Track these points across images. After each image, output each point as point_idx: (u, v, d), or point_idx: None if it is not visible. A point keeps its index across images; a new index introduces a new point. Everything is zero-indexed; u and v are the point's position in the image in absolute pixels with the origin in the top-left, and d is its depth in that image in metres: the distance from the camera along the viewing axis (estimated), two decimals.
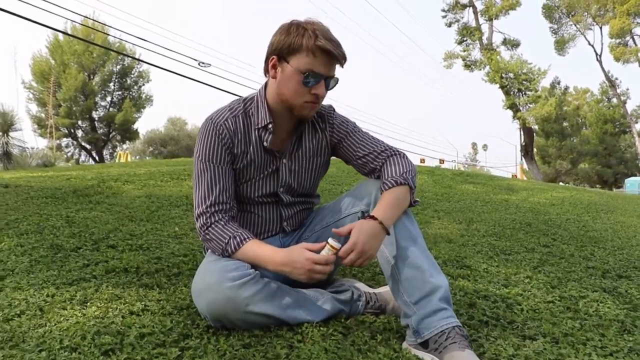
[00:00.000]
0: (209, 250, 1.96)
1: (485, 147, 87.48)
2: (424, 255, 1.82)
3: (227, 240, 1.85)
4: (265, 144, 1.96)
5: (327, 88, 1.91)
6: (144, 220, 3.59)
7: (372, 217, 1.77)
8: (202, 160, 1.93)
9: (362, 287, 2.16)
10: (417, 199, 1.96)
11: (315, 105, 1.91)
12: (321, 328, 1.85)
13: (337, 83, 1.94)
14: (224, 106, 2.01)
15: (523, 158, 34.94)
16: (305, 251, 1.76)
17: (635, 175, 35.37)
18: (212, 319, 1.78)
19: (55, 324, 1.80)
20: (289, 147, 2.03)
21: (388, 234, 1.78)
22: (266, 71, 1.95)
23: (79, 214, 3.63)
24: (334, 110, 2.11)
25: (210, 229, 1.88)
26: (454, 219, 4.54)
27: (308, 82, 1.84)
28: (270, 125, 1.94)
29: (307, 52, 1.81)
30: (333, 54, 1.82)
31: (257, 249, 1.84)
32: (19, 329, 1.74)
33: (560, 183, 40.57)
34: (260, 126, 1.95)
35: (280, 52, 1.86)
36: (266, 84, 1.99)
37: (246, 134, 1.96)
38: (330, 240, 1.75)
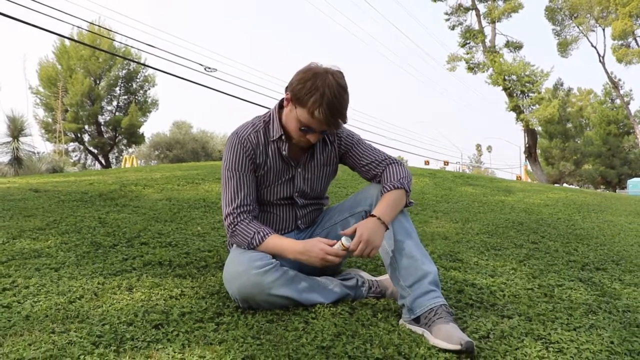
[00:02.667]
0: (234, 245, 2.33)
1: (489, 148, 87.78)
2: (417, 247, 2.19)
3: (252, 235, 2.23)
4: (284, 152, 2.33)
5: (322, 135, 2.29)
6: (168, 220, 3.96)
7: (373, 216, 2.14)
8: (229, 169, 2.31)
9: (365, 275, 2.53)
10: (412, 201, 2.34)
11: (309, 142, 2.29)
12: (331, 308, 2.22)
13: (335, 130, 2.33)
14: (247, 122, 2.39)
15: (527, 160, 35.17)
16: (319, 243, 2.14)
17: (639, 176, 35.59)
18: (241, 301, 2.15)
19: (110, 305, 2.17)
20: (303, 158, 2.40)
21: (387, 228, 2.15)
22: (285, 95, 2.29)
23: (109, 216, 4.01)
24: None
25: (237, 226, 2.25)
26: (451, 218, 4.90)
27: (304, 131, 2.22)
28: (283, 137, 2.31)
29: (309, 112, 2.15)
30: (330, 124, 2.17)
31: (279, 241, 2.22)
32: (82, 309, 2.12)
33: (565, 184, 40.81)
34: (275, 138, 2.32)
35: (292, 96, 2.19)
36: (280, 104, 2.36)
37: (266, 146, 2.34)
38: (343, 239, 2.13)
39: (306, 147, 2.35)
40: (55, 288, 2.36)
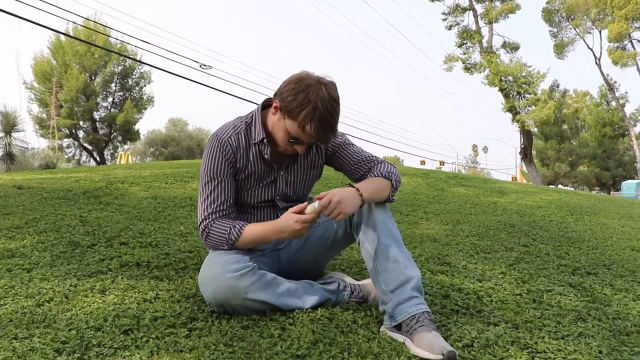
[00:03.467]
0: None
1: (485, 149, 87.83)
2: (401, 250, 2.11)
3: (228, 231, 2.15)
4: (266, 156, 2.24)
5: (310, 146, 2.24)
6: (151, 220, 3.87)
7: (351, 186, 2.09)
8: (207, 173, 2.22)
9: (348, 279, 2.45)
10: (395, 198, 2.26)
11: (296, 151, 2.20)
12: (310, 313, 2.14)
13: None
14: (228, 123, 2.30)
15: (522, 161, 35.18)
16: (292, 215, 2.08)
17: (633, 178, 35.62)
18: (216, 305, 2.07)
19: (80, 309, 2.09)
20: (286, 161, 2.31)
21: (363, 203, 2.08)
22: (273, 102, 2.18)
23: (91, 214, 3.91)
24: None
25: (210, 228, 2.17)
26: (442, 220, 4.82)
27: (292, 142, 2.13)
28: (265, 140, 2.22)
29: (300, 125, 2.04)
30: (317, 139, 2.10)
31: (256, 228, 2.16)
32: (50, 313, 2.03)
33: (560, 186, 40.84)
34: (256, 141, 2.23)
35: (282, 104, 2.08)
36: (264, 105, 2.27)
37: (247, 149, 2.24)
38: (315, 203, 2.04)
39: (290, 154, 2.26)
40: (25, 290, 2.27)
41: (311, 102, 1.99)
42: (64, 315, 2.01)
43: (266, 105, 2.27)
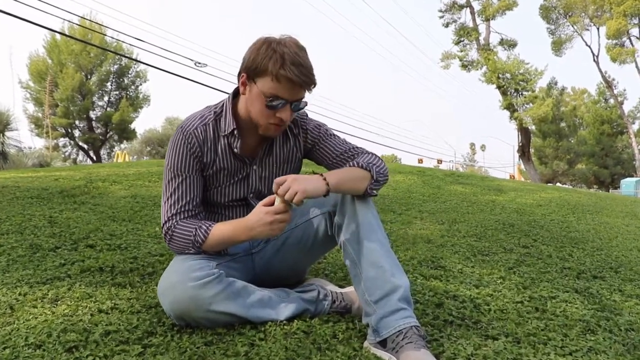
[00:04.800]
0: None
1: (483, 147, 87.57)
2: (387, 255, 1.85)
3: (194, 232, 1.90)
4: (235, 150, 1.99)
5: (295, 110, 1.93)
6: (126, 220, 3.62)
7: (316, 173, 1.83)
8: (171, 169, 1.96)
9: (330, 287, 2.20)
10: (375, 191, 1.95)
11: (279, 127, 1.93)
12: (284, 327, 1.88)
13: (305, 105, 1.96)
14: (196, 113, 2.04)
15: (520, 159, 34.98)
16: (261, 207, 1.83)
17: (632, 176, 35.41)
18: (176, 318, 1.81)
19: (23, 322, 1.83)
20: (260, 153, 2.06)
21: (328, 191, 1.80)
22: (238, 83, 1.96)
23: (62, 214, 3.66)
24: (306, 115, 2.14)
25: (174, 230, 1.92)
26: (437, 219, 4.57)
27: (272, 106, 1.86)
28: (235, 132, 1.97)
29: (272, 77, 1.81)
30: (299, 83, 1.82)
31: (224, 228, 1.91)
32: None
33: (558, 184, 40.65)
34: (226, 133, 1.98)
35: (248, 71, 1.87)
36: (235, 93, 2.03)
37: (216, 142, 1.99)
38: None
39: (273, 135, 1.98)
40: None
41: (276, 50, 1.80)
42: (2, 330, 1.76)
43: (237, 93, 2.02)
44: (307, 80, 1.84)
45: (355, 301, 2.09)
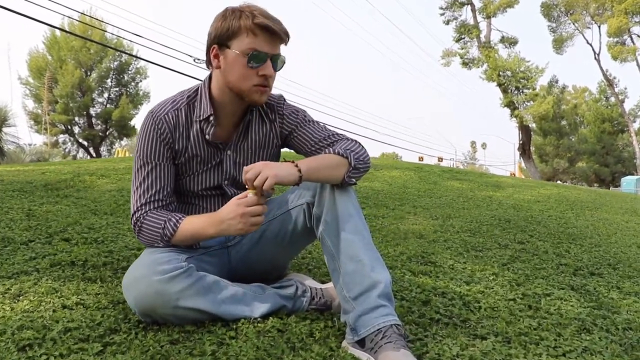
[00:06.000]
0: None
1: (484, 145, 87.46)
2: (367, 248, 1.73)
3: (163, 225, 1.78)
4: (207, 137, 1.87)
5: (275, 69, 1.83)
6: (107, 213, 3.49)
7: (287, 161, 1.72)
8: (140, 157, 1.85)
9: (309, 282, 2.07)
10: (354, 180, 1.82)
11: (265, 88, 1.82)
12: (258, 324, 1.76)
13: (284, 63, 1.87)
14: (168, 98, 1.93)
15: (521, 157, 34.84)
16: (233, 200, 1.73)
17: (633, 175, 35.26)
18: (141, 314, 1.69)
19: None
20: (234, 138, 1.94)
21: (301, 175, 1.67)
22: (208, 63, 1.87)
23: (41, 208, 3.54)
24: (284, 100, 2.02)
25: (143, 221, 1.80)
26: (431, 214, 4.45)
27: (253, 64, 1.76)
28: (211, 118, 1.85)
29: (247, 32, 1.74)
30: (274, 30, 1.75)
31: (194, 221, 1.80)
32: None
33: (558, 182, 40.51)
34: (201, 118, 1.86)
35: (219, 39, 1.78)
36: (210, 76, 1.91)
37: (188, 127, 1.88)
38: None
39: (259, 101, 1.84)
40: None
41: (243, 10, 1.77)
42: None
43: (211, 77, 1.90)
44: (282, 28, 1.78)
45: (335, 297, 1.96)
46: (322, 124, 2.02)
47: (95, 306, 1.88)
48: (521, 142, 32.91)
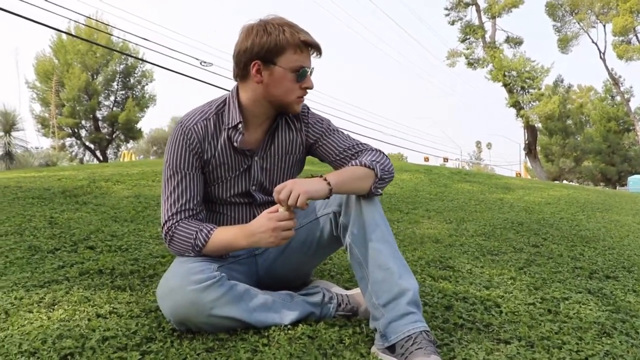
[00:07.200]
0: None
1: (489, 145, 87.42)
2: (394, 256, 1.78)
3: (195, 235, 1.83)
4: (235, 144, 1.92)
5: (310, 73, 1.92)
6: (127, 220, 3.55)
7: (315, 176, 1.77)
8: (170, 166, 1.90)
9: (335, 289, 2.12)
10: (380, 190, 1.88)
11: (303, 98, 1.93)
12: (289, 331, 1.81)
13: (313, 70, 1.94)
14: (196, 108, 1.98)
15: (527, 156, 34.79)
16: (265, 214, 1.78)
17: (639, 173, 35.17)
18: (176, 323, 1.75)
19: (17, 328, 1.77)
20: (262, 145, 1.99)
21: (331, 189, 1.72)
22: (241, 76, 1.90)
23: (63, 215, 3.60)
24: (308, 109, 2.08)
25: (175, 231, 1.85)
26: (445, 218, 4.49)
27: (299, 79, 1.85)
28: (240, 125, 1.90)
29: (295, 49, 1.81)
30: (318, 46, 1.86)
31: (225, 233, 1.85)
32: None
33: (564, 181, 40.44)
34: (230, 126, 1.91)
35: (264, 55, 1.81)
36: (238, 87, 1.96)
37: (216, 137, 1.93)
38: None
39: (298, 109, 1.94)
40: None
41: (282, 25, 1.82)
42: None
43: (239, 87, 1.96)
44: (318, 42, 1.88)
45: (361, 304, 2.01)
46: (346, 133, 2.08)
47: (128, 315, 1.93)
48: (527, 141, 32.85)
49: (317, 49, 1.87)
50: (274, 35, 1.79)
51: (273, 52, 1.80)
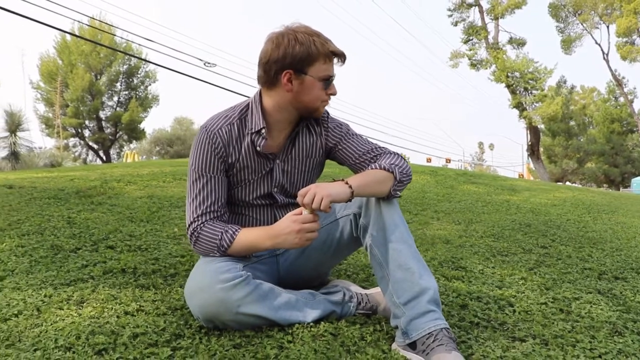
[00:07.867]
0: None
1: (492, 146, 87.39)
2: (414, 256, 1.84)
3: (220, 236, 1.90)
4: (258, 148, 1.99)
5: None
6: (143, 221, 3.62)
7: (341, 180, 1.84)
8: (195, 169, 1.97)
9: (354, 288, 2.19)
10: (399, 192, 1.95)
11: (328, 103, 2.02)
12: (312, 329, 1.88)
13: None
14: (220, 113, 2.04)
15: (529, 157, 34.81)
16: (290, 215, 1.86)
17: None
18: (205, 320, 1.81)
19: (51, 324, 1.84)
20: (284, 149, 2.06)
21: (352, 192, 1.79)
22: (269, 83, 1.96)
23: (80, 215, 3.67)
24: (328, 114, 2.14)
25: (200, 232, 1.91)
26: (453, 219, 4.56)
27: (326, 86, 1.95)
28: (263, 130, 1.97)
29: (324, 59, 1.90)
30: (344, 55, 1.95)
31: (250, 234, 1.92)
32: (16, 329, 1.78)
33: (567, 183, 40.44)
34: (254, 131, 1.98)
35: (296, 65, 1.88)
36: (261, 92, 2.02)
37: (240, 140, 1.99)
38: None
39: (321, 113, 2.05)
40: None
41: (311, 35, 1.90)
42: (31, 332, 1.76)
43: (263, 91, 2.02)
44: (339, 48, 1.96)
45: (380, 302, 2.08)
46: (364, 137, 2.14)
47: (155, 312, 2.00)
48: (530, 143, 32.88)
49: (342, 58, 1.95)
50: (306, 46, 1.86)
51: (305, 62, 1.87)
